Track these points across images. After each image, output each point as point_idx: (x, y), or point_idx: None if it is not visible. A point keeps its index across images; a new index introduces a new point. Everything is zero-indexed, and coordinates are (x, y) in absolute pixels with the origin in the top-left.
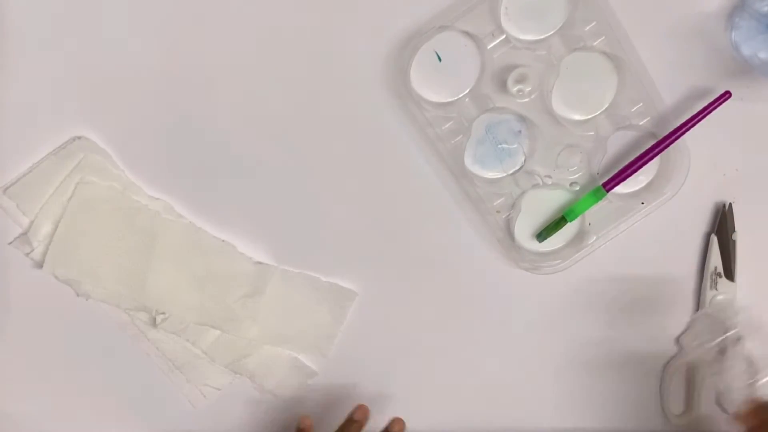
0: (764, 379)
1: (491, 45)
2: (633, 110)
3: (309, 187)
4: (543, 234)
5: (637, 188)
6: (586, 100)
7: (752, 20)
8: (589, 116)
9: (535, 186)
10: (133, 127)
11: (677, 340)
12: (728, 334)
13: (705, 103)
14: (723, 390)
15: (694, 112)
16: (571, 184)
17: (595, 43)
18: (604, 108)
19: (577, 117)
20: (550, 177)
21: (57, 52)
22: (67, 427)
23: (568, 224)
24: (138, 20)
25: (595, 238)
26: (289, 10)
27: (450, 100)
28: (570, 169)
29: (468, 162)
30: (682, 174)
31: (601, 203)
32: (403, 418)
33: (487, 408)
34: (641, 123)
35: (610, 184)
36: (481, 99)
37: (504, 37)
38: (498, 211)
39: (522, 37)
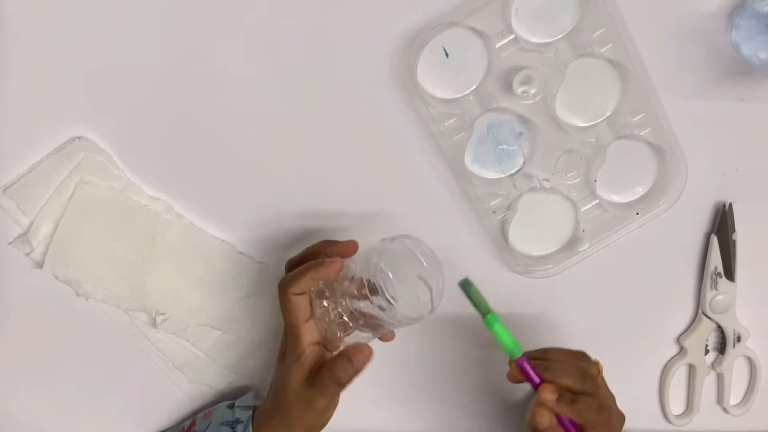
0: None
1: (499, 44)
2: (634, 120)
3: (309, 186)
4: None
5: (632, 198)
6: (589, 107)
7: (752, 20)
8: (591, 123)
9: (533, 189)
10: (133, 127)
11: (677, 340)
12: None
13: (704, 104)
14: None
15: (694, 117)
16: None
17: (602, 50)
18: (606, 116)
19: (579, 123)
20: (548, 181)
21: (57, 52)
22: (67, 427)
23: (562, 229)
24: (138, 20)
25: (587, 245)
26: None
27: (455, 96)
28: (568, 175)
29: (468, 161)
30: (679, 186)
31: (597, 212)
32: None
33: (483, 408)
34: (642, 133)
35: (524, 363)
36: (485, 98)
37: (513, 37)
38: (494, 212)
39: (531, 38)
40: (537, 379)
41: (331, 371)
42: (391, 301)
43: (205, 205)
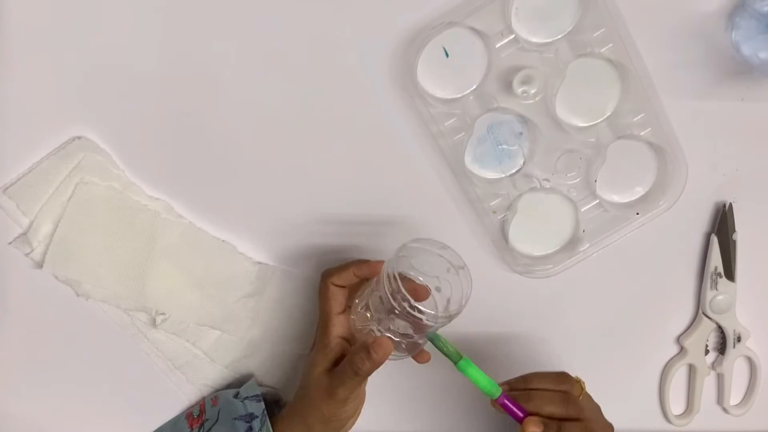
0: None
1: (499, 44)
2: (635, 120)
3: (309, 186)
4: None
5: (632, 199)
6: (589, 107)
7: (752, 20)
8: (591, 123)
9: (533, 189)
10: (133, 127)
11: (677, 340)
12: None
13: (704, 104)
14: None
15: (694, 117)
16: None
17: (602, 50)
18: (606, 116)
19: (579, 123)
20: (548, 181)
21: (57, 52)
22: (67, 427)
23: (562, 229)
24: (139, 20)
25: (588, 245)
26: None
27: (455, 96)
28: (568, 175)
29: (468, 161)
30: (679, 186)
31: (597, 212)
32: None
33: (481, 410)
34: (642, 133)
35: (505, 400)
36: (485, 98)
37: (513, 37)
38: (494, 212)
39: (531, 38)
40: (520, 414)
41: (350, 361)
42: (421, 310)
43: (205, 205)
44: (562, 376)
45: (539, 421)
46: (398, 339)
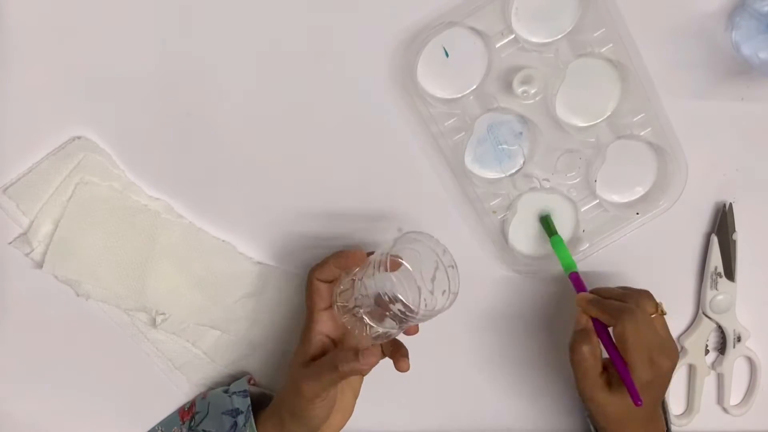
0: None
1: (499, 44)
2: (634, 120)
3: (309, 186)
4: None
5: (632, 198)
6: (589, 107)
7: (752, 20)
8: (591, 123)
9: (533, 189)
10: (133, 127)
11: (677, 340)
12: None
13: (704, 104)
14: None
15: (694, 117)
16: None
17: (602, 50)
18: (606, 116)
19: (579, 123)
20: (548, 181)
21: (57, 52)
22: (67, 427)
23: (562, 229)
24: (138, 20)
25: (588, 245)
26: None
27: (455, 96)
28: (568, 175)
29: (468, 161)
30: (679, 186)
31: (597, 212)
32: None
33: (481, 411)
34: (642, 133)
35: (574, 276)
36: (485, 98)
37: (513, 37)
38: (494, 212)
39: (531, 38)
40: (583, 288)
41: (335, 356)
42: (411, 307)
43: (205, 206)
44: (644, 293)
45: (591, 295)
46: (377, 326)
